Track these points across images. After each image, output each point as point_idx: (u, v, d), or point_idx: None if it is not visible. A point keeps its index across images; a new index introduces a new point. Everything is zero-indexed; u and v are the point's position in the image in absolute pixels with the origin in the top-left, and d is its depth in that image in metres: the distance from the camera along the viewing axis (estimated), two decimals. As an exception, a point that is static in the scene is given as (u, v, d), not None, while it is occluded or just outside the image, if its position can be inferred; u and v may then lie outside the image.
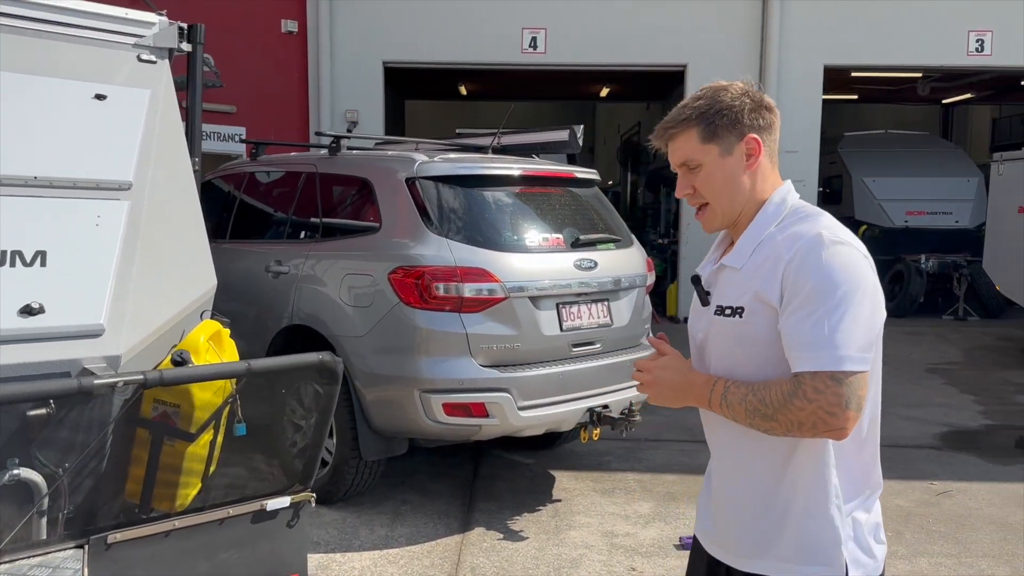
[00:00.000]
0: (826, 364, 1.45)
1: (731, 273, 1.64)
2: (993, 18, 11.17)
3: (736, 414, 1.54)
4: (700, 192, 1.66)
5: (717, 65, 11.39)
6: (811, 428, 1.47)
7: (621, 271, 4.70)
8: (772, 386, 1.50)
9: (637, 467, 5.35)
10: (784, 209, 1.63)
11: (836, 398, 1.44)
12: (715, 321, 1.64)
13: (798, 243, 1.53)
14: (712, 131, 1.62)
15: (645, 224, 17.20)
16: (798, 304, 1.49)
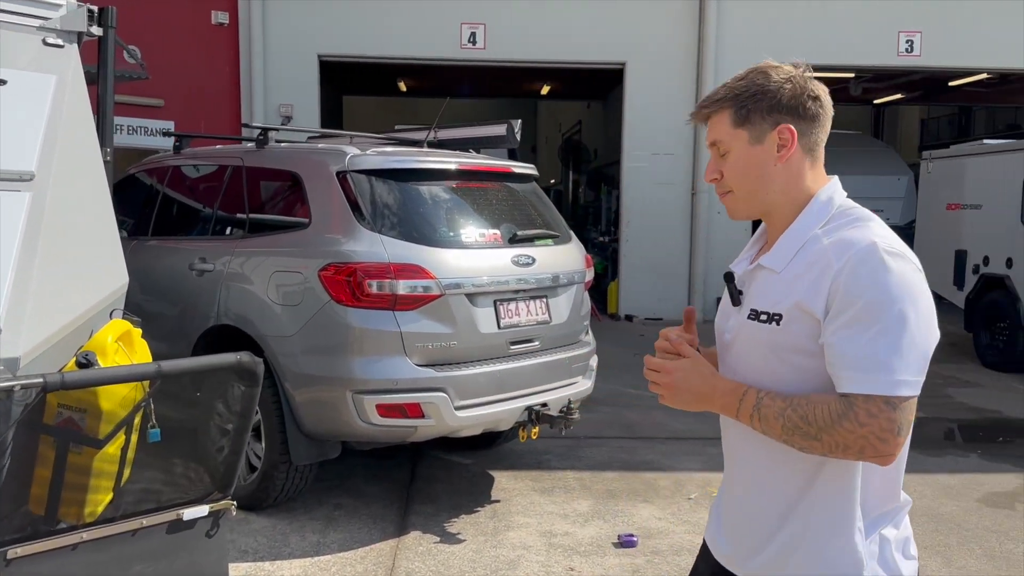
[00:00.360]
0: (881, 388, 1.35)
1: (769, 275, 1.53)
2: (922, 19, 11.48)
3: (770, 428, 1.43)
4: (726, 179, 1.56)
5: (656, 64, 11.48)
6: (857, 452, 1.37)
7: (559, 267, 4.63)
8: (816, 403, 1.39)
9: (577, 465, 5.29)
10: (830, 209, 1.51)
11: (889, 424, 1.35)
12: (747, 325, 1.53)
13: (849, 252, 1.40)
14: (744, 115, 1.51)
15: (587, 222, 17.26)
16: (849, 319, 1.37)
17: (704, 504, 4.64)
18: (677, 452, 5.60)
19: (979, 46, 11.57)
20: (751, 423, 1.46)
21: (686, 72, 11.45)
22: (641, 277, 11.69)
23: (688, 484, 4.97)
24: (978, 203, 9.00)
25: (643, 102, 11.53)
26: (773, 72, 1.53)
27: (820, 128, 1.53)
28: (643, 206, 11.66)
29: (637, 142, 11.60)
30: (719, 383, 1.50)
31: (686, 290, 11.68)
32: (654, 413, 6.60)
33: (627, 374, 8.08)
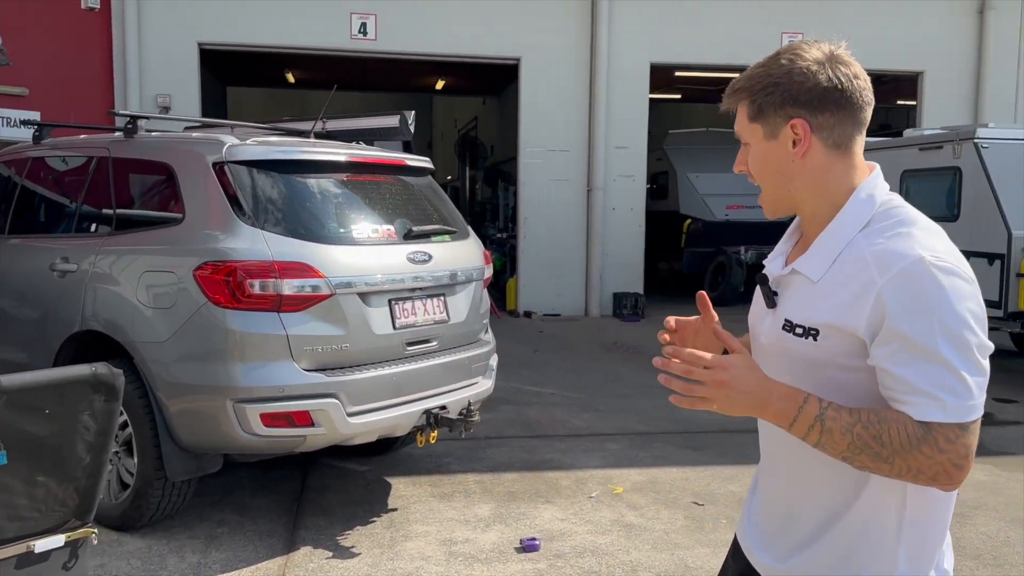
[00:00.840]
0: (957, 416, 1.27)
1: (805, 284, 1.41)
2: (804, 21, 11.88)
3: (833, 443, 1.30)
4: (752, 172, 1.46)
5: (551, 61, 11.45)
6: (930, 478, 1.29)
7: (457, 264, 4.46)
8: (890, 423, 1.28)
9: (477, 467, 5.13)
10: (872, 208, 1.39)
11: (965, 449, 1.27)
12: (783, 336, 1.43)
13: (895, 268, 1.29)
14: (757, 109, 1.41)
15: (484, 219, 17.15)
16: (905, 344, 1.27)
17: (606, 502, 4.57)
18: (577, 449, 5.53)
19: (857, 49, 11.92)
20: (807, 434, 1.32)
21: (580, 69, 11.48)
22: (539, 273, 11.65)
23: (589, 482, 4.89)
24: (858, 199, 9.36)
25: (539, 98, 11.48)
26: (797, 58, 1.39)
27: (849, 119, 1.39)
28: (540, 202, 11.63)
29: (533, 138, 11.55)
30: (775, 387, 1.33)
31: (583, 286, 11.72)
32: (554, 410, 6.53)
33: (527, 371, 8.00)
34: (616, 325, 10.98)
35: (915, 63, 12.28)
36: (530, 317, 11.41)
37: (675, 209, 14.02)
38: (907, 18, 12.07)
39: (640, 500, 4.62)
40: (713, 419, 6.36)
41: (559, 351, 9.15)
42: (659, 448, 5.59)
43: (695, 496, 4.70)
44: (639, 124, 11.76)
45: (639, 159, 11.84)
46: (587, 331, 10.52)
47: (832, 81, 1.37)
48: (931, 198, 8.20)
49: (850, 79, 1.38)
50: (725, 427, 6.16)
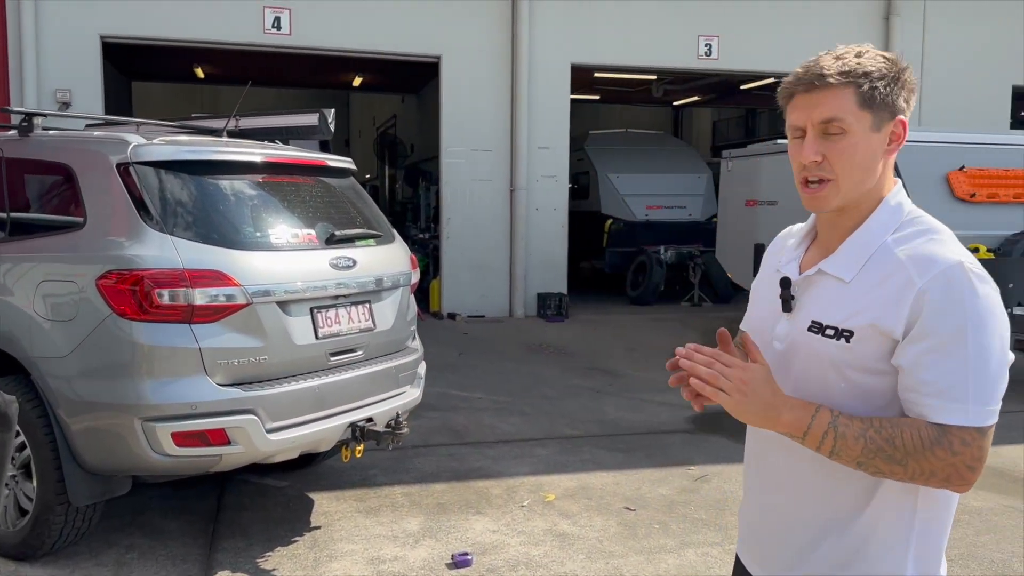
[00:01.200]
0: (975, 419, 1.29)
1: (835, 284, 1.42)
2: (720, 25, 12.09)
3: (847, 449, 1.31)
4: (830, 163, 1.38)
5: (471, 58, 11.32)
6: (942, 480, 1.31)
7: (383, 269, 4.29)
8: (903, 427, 1.31)
9: (405, 479, 4.97)
10: (901, 215, 1.41)
11: (979, 452, 1.30)
12: (808, 338, 1.42)
13: (934, 270, 1.31)
14: (872, 97, 1.36)
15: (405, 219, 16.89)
16: (935, 345, 1.29)
17: (538, 511, 4.47)
18: (507, 456, 5.43)
19: (769, 52, 12.37)
20: (822, 441, 1.33)
21: (502, 69, 11.39)
22: (463, 274, 11.52)
23: (520, 490, 4.79)
24: (773, 199, 9.56)
25: (460, 98, 11.34)
26: (891, 58, 1.40)
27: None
28: (463, 203, 11.49)
29: (455, 138, 11.40)
30: (788, 400, 1.35)
31: (507, 287, 11.63)
32: (482, 415, 6.41)
33: (453, 374, 7.86)
34: (541, 326, 10.94)
35: (825, 67, 12.63)
36: (454, 319, 11.26)
37: (597, 209, 14.08)
38: (817, 23, 12.41)
39: (572, 507, 4.55)
40: (639, 421, 6.36)
41: (485, 353, 9.04)
42: (588, 452, 5.54)
43: (626, 501, 4.66)
44: (561, 124, 11.75)
45: (561, 159, 11.83)
46: (512, 332, 10.44)
47: (913, 89, 1.42)
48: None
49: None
50: (652, 428, 6.16)
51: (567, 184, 12.07)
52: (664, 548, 4.06)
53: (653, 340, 10.01)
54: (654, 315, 11.86)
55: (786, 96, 1.43)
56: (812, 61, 1.41)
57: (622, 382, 7.75)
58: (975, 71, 12.79)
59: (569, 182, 12.39)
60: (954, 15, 12.74)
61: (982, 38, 12.89)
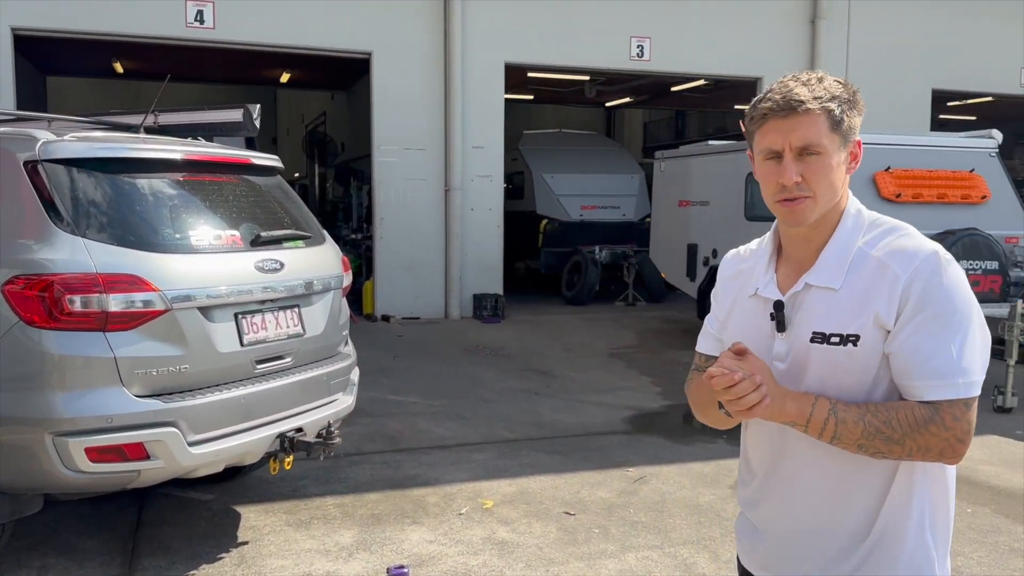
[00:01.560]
0: (962, 392, 1.41)
1: (826, 295, 1.50)
2: (651, 26, 12.18)
3: (847, 432, 1.42)
4: (807, 182, 1.48)
5: (403, 56, 11.15)
6: (936, 454, 1.42)
7: (313, 272, 4.12)
8: (897, 408, 1.42)
9: (337, 489, 4.80)
10: (863, 219, 1.54)
11: (968, 425, 1.42)
12: (814, 349, 1.49)
13: (915, 261, 1.43)
14: (840, 120, 1.48)
15: (336, 219, 16.58)
16: (920, 324, 1.41)
17: (476, 518, 4.37)
18: (443, 462, 5.31)
19: (700, 54, 12.52)
20: (824, 427, 1.43)
21: (435, 66, 11.24)
22: (397, 276, 11.32)
23: (457, 498, 4.68)
24: (706, 200, 9.66)
25: (392, 95, 11.15)
26: (844, 82, 1.51)
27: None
28: (396, 202, 11.30)
29: (387, 136, 11.20)
30: (787, 391, 1.46)
31: (443, 288, 11.49)
32: (417, 420, 6.27)
33: (387, 379, 7.69)
34: (477, 327, 10.84)
35: (754, 69, 12.86)
36: (388, 321, 11.06)
37: (532, 209, 14.05)
38: (746, 26, 12.63)
39: (511, 513, 4.46)
40: (576, 422, 6.31)
41: (420, 356, 8.89)
42: (526, 456, 5.46)
43: (566, 505, 4.59)
44: (495, 124, 11.66)
45: (496, 159, 11.74)
46: (448, 334, 10.31)
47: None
48: (775, 199, 8.56)
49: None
50: (589, 430, 6.12)
51: (502, 184, 11.99)
52: (604, 553, 4.00)
53: (589, 340, 10.00)
54: (589, 315, 11.88)
55: (759, 120, 1.50)
56: (783, 87, 1.49)
57: (559, 383, 7.71)
58: (897, 74, 13.18)
59: (504, 182, 12.32)
60: (877, 19, 13.11)
61: (904, 42, 13.30)
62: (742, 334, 1.58)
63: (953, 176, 7.90)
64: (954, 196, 7.91)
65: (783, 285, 1.57)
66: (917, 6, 13.27)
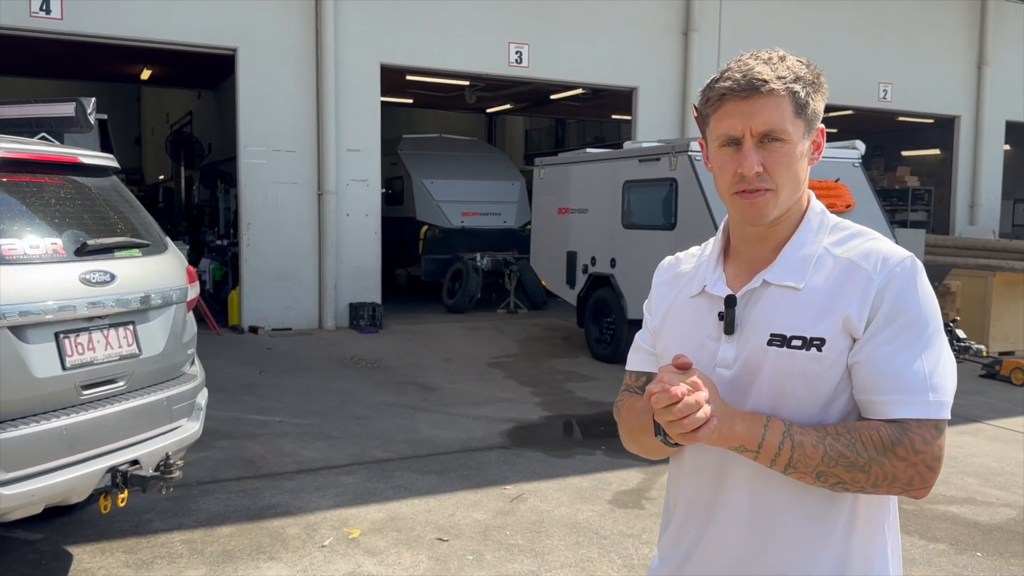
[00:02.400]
0: (933, 412, 1.25)
1: (786, 294, 1.33)
2: (530, 33, 12.11)
3: (805, 459, 1.24)
4: (769, 172, 1.32)
5: (272, 53, 10.62)
6: (904, 484, 1.24)
7: (151, 284, 3.69)
8: (861, 429, 1.25)
9: (186, 523, 4.36)
10: (827, 219, 1.40)
11: (939, 450, 1.25)
12: (771, 354, 1.31)
13: (889, 265, 1.29)
14: (804, 104, 1.32)
15: (202, 223, 15.72)
16: (896, 336, 1.26)
17: (341, 550, 4.04)
18: (307, 488, 4.93)
19: (578, 63, 12.56)
20: (778, 453, 1.25)
21: (306, 65, 10.76)
22: (266, 284, 10.74)
23: (321, 527, 4.33)
24: (584, 207, 9.63)
25: (260, 93, 10.59)
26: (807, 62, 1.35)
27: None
28: (265, 206, 10.73)
29: (255, 137, 10.63)
30: (736, 410, 1.28)
31: (316, 297, 11.00)
32: (282, 442, 5.85)
33: (250, 396, 7.20)
34: (353, 338, 10.41)
35: (629, 79, 13.03)
36: (256, 333, 10.47)
37: (412, 215, 13.73)
38: (622, 37, 12.76)
39: (379, 543, 4.15)
40: (454, 438, 6.06)
41: (289, 371, 8.41)
42: (400, 477, 5.16)
43: (439, 530, 4.33)
44: (372, 126, 11.28)
45: (373, 163, 11.35)
46: (321, 346, 9.84)
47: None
48: (651, 207, 8.60)
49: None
50: (467, 446, 5.88)
51: (380, 189, 11.61)
52: (479, 581, 3.76)
53: (469, 349, 9.78)
54: (470, 323, 11.66)
55: (715, 101, 1.33)
56: (742, 65, 1.32)
57: (437, 396, 7.43)
58: (764, 88, 13.65)
59: (382, 187, 11.95)
60: (747, 32, 13.53)
61: (769, 57, 13.78)
62: (681, 340, 1.41)
63: (819, 186, 8.13)
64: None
65: (733, 284, 1.39)
66: (783, 22, 13.80)
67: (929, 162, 19.66)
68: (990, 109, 16.18)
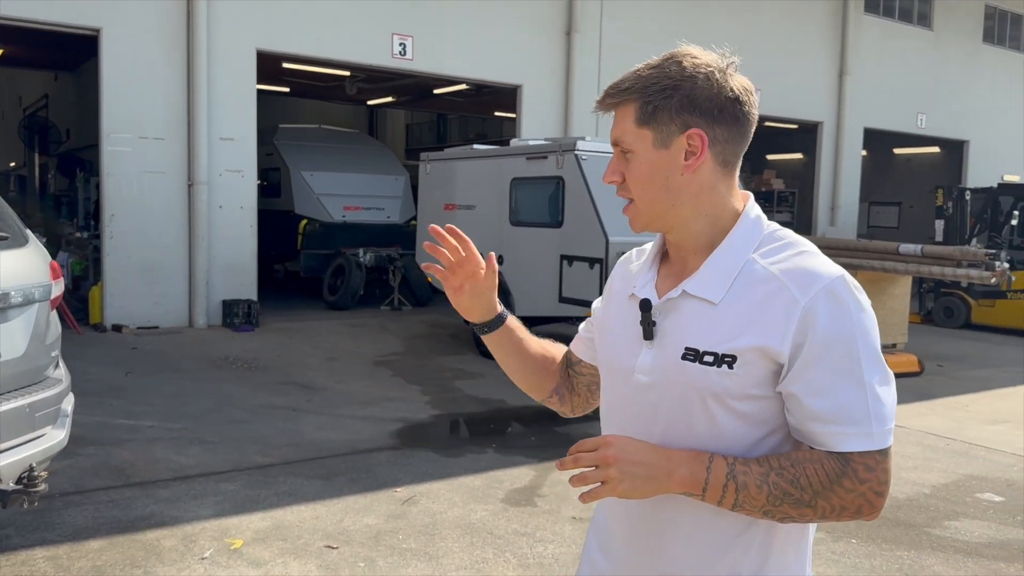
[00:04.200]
0: (878, 442, 1.20)
1: (702, 307, 1.28)
2: (414, 25, 11.93)
3: (751, 500, 1.20)
4: (628, 184, 1.31)
5: (139, 34, 10.01)
6: (854, 512, 1.21)
7: (11, 281, 3.36)
8: (804, 463, 1.20)
9: (50, 537, 4.01)
10: (761, 229, 1.31)
11: (884, 475, 1.21)
12: (684, 368, 1.27)
13: (817, 286, 1.21)
14: (650, 113, 1.27)
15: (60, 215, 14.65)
16: (832, 366, 1.19)
17: (222, 562, 3.81)
18: (184, 496, 4.65)
19: (462, 58, 12.48)
20: (723, 495, 1.21)
21: (176, 48, 10.18)
22: (131, 279, 10.11)
23: (200, 538, 4.08)
24: (472, 204, 9.57)
25: (126, 78, 9.94)
26: (691, 62, 1.27)
27: (740, 136, 1.30)
28: (131, 197, 10.08)
29: (120, 123, 9.97)
30: (675, 456, 1.22)
31: (187, 293, 10.45)
32: (154, 448, 5.50)
33: (117, 399, 6.75)
34: (227, 336, 9.95)
35: (515, 76, 13.07)
36: (121, 331, 9.84)
37: (290, 208, 13.27)
38: (507, 34, 12.78)
39: (264, 553, 3.95)
40: (341, 440, 5.87)
41: (159, 372, 7.93)
42: (284, 483, 4.94)
43: (328, 537, 4.16)
44: (247, 114, 10.80)
45: (248, 153, 10.88)
46: (193, 345, 9.35)
47: (734, 92, 1.28)
48: (538, 205, 8.64)
49: (748, 93, 1.30)
50: (355, 447, 5.72)
51: (255, 180, 11.14)
52: (372, 589, 3.64)
53: (353, 348, 9.54)
54: (353, 320, 11.39)
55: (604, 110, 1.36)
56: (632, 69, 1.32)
57: (321, 397, 7.19)
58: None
59: (258, 178, 11.47)
60: (627, 32, 13.84)
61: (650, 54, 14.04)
62: (612, 339, 1.42)
63: None
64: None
65: (662, 288, 1.35)
66: (661, 26, 14.19)
67: (793, 166, 20.78)
68: (850, 116, 17.25)
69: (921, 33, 18.67)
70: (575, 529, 4.37)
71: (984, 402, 7.86)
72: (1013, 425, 6.96)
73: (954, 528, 4.58)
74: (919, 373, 8.82)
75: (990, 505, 4.97)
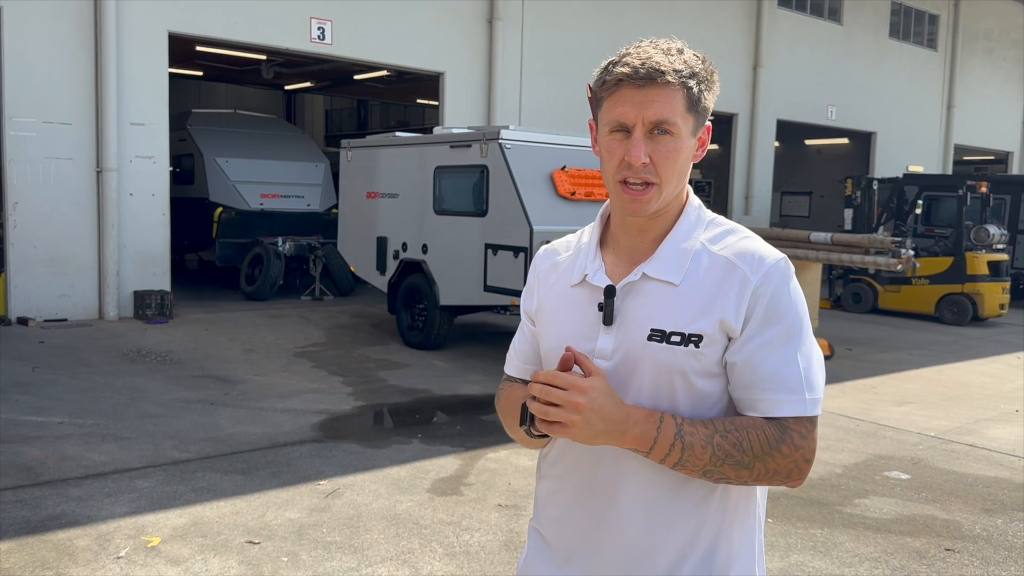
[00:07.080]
0: (809, 409, 1.29)
1: (664, 289, 1.33)
2: (334, 9, 11.71)
3: (694, 459, 1.26)
4: (655, 165, 1.30)
5: (42, 13, 9.54)
6: (784, 477, 1.29)
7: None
8: (748, 429, 1.28)
9: (-52, 544, 3.80)
10: (704, 215, 1.41)
11: (813, 443, 1.30)
12: (650, 349, 1.31)
13: (764, 267, 1.31)
14: (697, 100, 1.31)
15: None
16: (774, 338, 1.29)
17: (139, 561, 3.69)
18: (97, 494, 4.47)
19: (383, 44, 12.32)
20: (668, 454, 1.27)
21: (83, 29, 9.74)
22: (37, 270, 9.65)
23: (115, 537, 3.94)
24: (395, 192, 9.46)
25: (30, 59, 9.46)
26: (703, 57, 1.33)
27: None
28: (35, 184, 9.62)
29: (24, 107, 9.48)
30: (631, 411, 1.27)
31: (96, 284, 10.04)
32: (64, 445, 5.27)
33: (24, 395, 6.45)
34: (139, 329, 9.60)
35: (436, 64, 12.97)
36: (27, 324, 9.39)
37: (205, 196, 12.87)
38: (429, 20, 12.67)
39: (183, 551, 3.84)
40: (261, 433, 5.75)
41: (68, 366, 7.60)
42: (202, 478, 4.80)
43: (249, 533, 4.07)
44: (159, 99, 10.42)
45: (160, 138, 10.51)
46: (103, 338, 8.99)
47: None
48: (463, 194, 8.60)
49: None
50: (275, 441, 5.60)
51: (168, 167, 10.77)
52: (295, 584, 3.57)
53: (273, 339, 9.34)
54: (272, 311, 11.15)
55: (611, 85, 1.31)
56: (641, 52, 1.30)
57: (240, 390, 7.02)
58: (568, 74, 14.07)
59: (171, 165, 11.09)
60: (548, 21, 13.90)
61: (571, 43, 14.23)
62: (561, 329, 1.41)
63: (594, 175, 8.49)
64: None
65: (613, 274, 1.38)
66: (582, 15, 14.29)
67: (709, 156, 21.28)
68: (763, 108, 17.77)
69: (831, 28, 19.35)
70: (501, 516, 4.39)
71: (891, 384, 8.23)
72: (918, 406, 7.32)
73: (864, 505, 4.78)
74: (830, 357, 9.16)
75: (897, 483, 5.22)
